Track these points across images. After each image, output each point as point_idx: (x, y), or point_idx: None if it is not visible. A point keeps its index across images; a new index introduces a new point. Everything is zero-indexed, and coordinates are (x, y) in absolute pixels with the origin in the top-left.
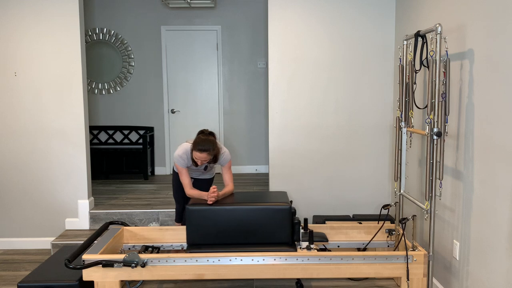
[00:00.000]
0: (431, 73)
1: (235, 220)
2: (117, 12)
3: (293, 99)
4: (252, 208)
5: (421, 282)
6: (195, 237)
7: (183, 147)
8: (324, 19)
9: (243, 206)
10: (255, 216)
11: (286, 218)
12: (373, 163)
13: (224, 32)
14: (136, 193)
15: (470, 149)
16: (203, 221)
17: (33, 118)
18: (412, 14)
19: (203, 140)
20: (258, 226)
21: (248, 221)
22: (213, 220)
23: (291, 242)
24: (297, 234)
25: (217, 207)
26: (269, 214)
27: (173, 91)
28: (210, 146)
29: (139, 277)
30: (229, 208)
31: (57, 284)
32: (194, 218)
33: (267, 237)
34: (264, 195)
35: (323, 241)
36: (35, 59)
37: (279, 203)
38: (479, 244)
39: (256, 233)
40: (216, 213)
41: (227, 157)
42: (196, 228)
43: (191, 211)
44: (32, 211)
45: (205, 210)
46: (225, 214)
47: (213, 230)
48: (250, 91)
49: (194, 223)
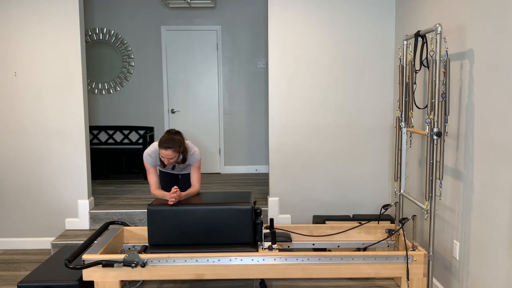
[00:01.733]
0: (431, 73)
1: (197, 221)
2: (117, 12)
3: (293, 99)
4: (213, 208)
5: (421, 282)
6: (157, 237)
7: (153, 145)
8: (324, 19)
9: (205, 206)
10: (217, 217)
11: (248, 218)
12: (373, 163)
13: (224, 32)
14: (136, 193)
15: (470, 149)
16: (165, 221)
17: (33, 118)
18: (412, 14)
19: (167, 139)
20: (220, 226)
21: (210, 222)
22: (174, 221)
23: (253, 242)
24: (259, 234)
25: (179, 208)
26: (231, 214)
27: (173, 91)
28: (175, 143)
29: (139, 277)
30: (190, 208)
31: (57, 284)
32: (156, 218)
33: (230, 238)
34: (229, 195)
35: (287, 241)
36: (35, 59)
37: (241, 203)
38: (479, 244)
39: (218, 233)
40: (178, 213)
41: (196, 157)
42: (158, 229)
43: (152, 212)
44: (32, 211)
45: (166, 210)
46: (187, 215)
47: (175, 230)
48: (250, 91)
49: (156, 224)
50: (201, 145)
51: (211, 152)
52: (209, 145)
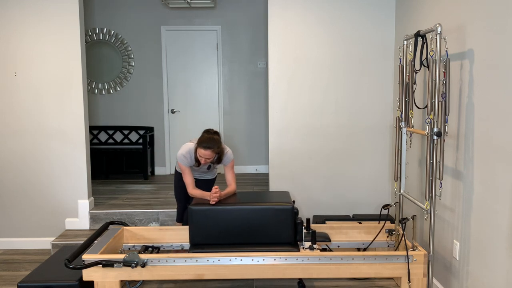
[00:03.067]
0: (431, 73)
1: (237, 220)
2: (117, 12)
3: (293, 99)
4: (255, 208)
5: (421, 282)
6: (198, 237)
7: (186, 146)
8: (324, 19)
9: (246, 206)
10: (257, 216)
11: (288, 218)
12: (373, 163)
13: (224, 32)
14: (136, 193)
15: (470, 149)
16: (206, 221)
17: (33, 118)
18: (412, 14)
19: (207, 138)
20: (261, 226)
21: (250, 221)
22: (215, 220)
23: (293, 242)
24: (299, 234)
25: (220, 207)
26: (272, 214)
27: (173, 91)
28: (215, 144)
29: (139, 277)
30: (231, 208)
31: (57, 284)
32: (197, 218)
33: (270, 237)
34: (267, 195)
35: (325, 241)
36: (35, 59)
37: (282, 203)
38: (479, 244)
39: (258, 233)
40: (219, 213)
41: (229, 157)
42: (199, 228)
43: (193, 211)
44: (32, 211)
45: (207, 210)
46: (228, 214)
47: (215, 230)
48: (250, 91)
49: (197, 223)
50: None
51: None
52: None
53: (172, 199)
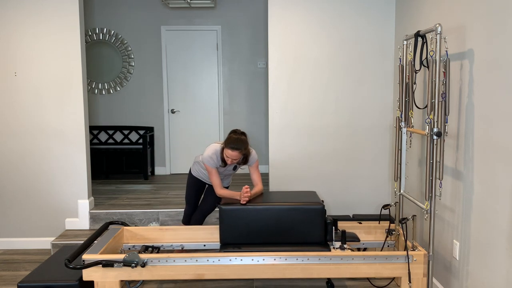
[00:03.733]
0: (431, 73)
1: (268, 220)
2: (117, 12)
3: (293, 99)
4: (286, 207)
5: (421, 282)
6: (229, 236)
7: (212, 147)
8: (324, 19)
9: (277, 205)
10: (288, 216)
11: (319, 217)
12: (373, 163)
13: (224, 32)
14: (136, 193)
15: (470, 149)
16: (237, 221)
17: (33, 118)
18: (412, 14)
19: (235, 139)
20: (291, 226)
21: (281, 221)
22: (246, 220)
23: (324, 242)
24: (330, 234)
25: (251, 207)
26: (303, 213)
27: (173, 91)
28: (242, 145)
29: (139, 277)
30: (262, 207)
31: (57, 284)
32: (228, 218)
33: (300, 237)
34: (295, 194)
35: (354, 240)
36: (35, 59)
37: (312, 202)
38: (479, 244)
39: (289, 232)
40: (250, 213)
41: (254, 157)
42: (229, 228)
43: (224, 211)
44: (32, 211)
45: (238, 210)
46: (259, 214)
47: (246, 230)
48: (250, 91)
49: (228, 223)
50: (201, 145)
51: None
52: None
53: (172, 199)
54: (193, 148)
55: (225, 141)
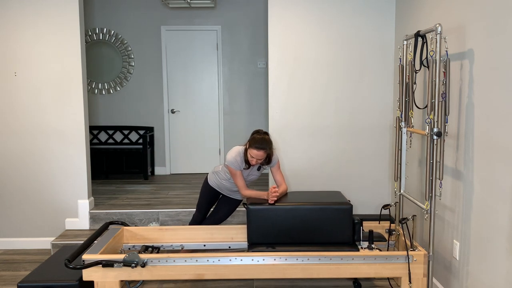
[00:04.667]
0: (431, 73)
1: (296, 220)
2: (117, 12)
3: (293, 99)
4: (314, 207)
5: (421, 282)
6: (256, 236)
7: (235, 150)
8: (324, 19)
9: (305, 205)
10: (316, 216)
11: (347, 217)
12: (373, 163)
13: (224, 32)
14: (136, 193)
15: (470, 149)
16: (264, 220)
17: (33, 118)
18: (412, 14)
19: (260, 139)
20: (320, 225)
21: (309, 221)
22: (274, 220)
23: (352, 242)
24: (358, 234)
25: (279, 207)
26: (331, 213)
27: (173, 91)
28: (267, 145)
29: (139, 277)
30: (290, 207)
31: (57, 284)
32: (255, 217)
33: (328, 237)
34: (321, 194)
35: (381, 240)
36: (35, 59)
37: (340, 202)
38: (479, 244)
39: (317, 232)
40: (278, 212)
41: (276, 158)
42: (257, 228)
43: (252, 211)
44: (32, 211)
45: (266, 209)
46: (287, 214)
47: (273, 229)
48: (250, 91)
49: (255, 223)
50: (201, 145)
51: (211, 152)
52: (209, 145)
53: (172, 199)
54: (193, 148)
55: (249, 142)
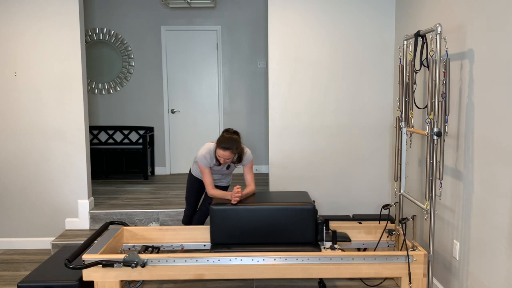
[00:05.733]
0: (431, 73)
1: (259, 220)
2: (117, 12)
3: (293, 99)
4: (276, 207)
5: (421, 282)
6: (219, 236)
7: (206, 146)
8: (324, 19)
9: (267, 206)
10: (279, 216)
11: (310, 218)
12: (373, 163)
13: (224, 32)
14: (136, 193)
15: (470, 149)
16: (227, 221)
17: (33, 118)
18: (412, 14)
19: (227, 139)
20: (282, 226)
21: (272, 221)
22: (237, 220)
23: (315, 242)
24: (320, 234)
25: (242, 207)
26: (294, 214)
27: (173, 91)
28: (234, 144)
29: (139, 277)
30: (253, 208)
31: (57, 284)
32: (218, 218)
33: (291, 237)
34: (287, 195)
35: (346, 240)
36: (35, 59)
37: (303, 203)
38: (479, 244)
39: (280, 233)
40: (240, 213)
41: (249, 157)
42: (220, 228)
43: (215, 211)
44: (32, 211)
45: (229, 210)
46: (249, 214)
47: (236, 230)
48: (250, 91)
49: (218, 223)
50: (201, 145)
51: None
52: None
53: (172, 199)
54: (193, 148)
55: (217, 141)
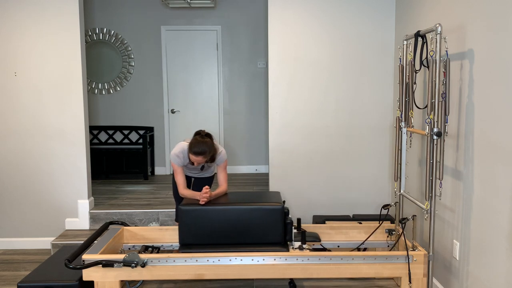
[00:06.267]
0: (431, 73)
1: (227, 220)
2: (117, 12)
3: (293, 99)
4: (244, 208)
5: (421, 282)
6: (188, 237)
7: (180, 146)
8: (324, 19)
9: (236, 206)
10: (247, 216)
11: (278, 218)
12: (373, 163)
13: (224, 32)
14: (136, 193)
15: (470, 149)
16: (196, 221)
17: (33, 118)
18: (412, 14)
19: (199, 142)
20: (251, 226)
21: (240, 221)
22: (205, 220)
23: (283, 242)
24: (289, 234)
25: (210, 207)
26: (262, 214)
27: (173, 91)
28: (206, 148)
29: (139, 277)
30: (221, 208)
31: (57, 284)
32: (187, 218)
33: (260, 237)
34: (258, 195)
35: (315, 241)
36: (35, 59)
37: (271, 203)
38: (479, 244)
39: (248, 233)
40: (209, 213)
41: (223, 157)
42: (189, 228)
43: (183, 211)
44: (32, 211)
45: (197, 210)
46: (218, 214)
47: (205, 230)
48: (250, 91)
49: (187, 223)
50: None
51: None
52: None
53: (172, 199)
54: None
55: (189, 145)
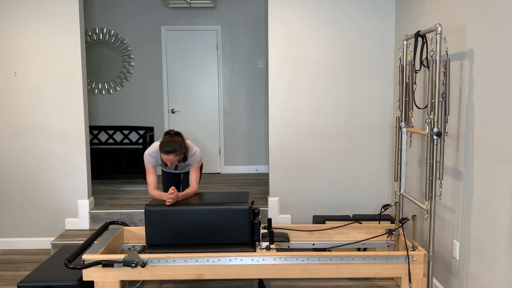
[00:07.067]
0: (431, 73)
1: (194, 221)
2: (117, 12)
3: (293, 99)
4: (211, 208)
5: (421, 282)
6: (155, 238)
7: (154, 145)
8: (324, 19)
9: (202, 206)
10: (214, 217)
11: (245, 218)
12: (373, 163)
13: (224, 32)
14: (136, 193)
15: (470, 149)
16: (163, 222)
17: (33, 118)
18: (412, 14)
19: (168, 141)
20: (218, 226)
21: (207, 222)
22: (172, 221)
23: (251, 242)
24: (257, 234)
25: (175, 208)
26: (229, 214)
27: (173, 91)
28: (176, 147)
29: (139, 277)
30: (187, 208)
31: (57, 284)
32: (153, 219)
33: (227, 238)
34: (226, 195)
35: (285, 241)
36: (35, 59)
37: (238, 203)
38: (479, 244)
39: (215, 233)
40: (175, 214)
41: (197, 157)
42: (155, 229)
43: (149, 212)
44: (32, 211)
45: (163, 211)
46: (184, 215)
47: (172, 231)
48: (250, 91)
49: (153, 224)
50: (201, 145)
51: (211, 152)
52: (209, 145)
53: None
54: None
55: (159, 145)
